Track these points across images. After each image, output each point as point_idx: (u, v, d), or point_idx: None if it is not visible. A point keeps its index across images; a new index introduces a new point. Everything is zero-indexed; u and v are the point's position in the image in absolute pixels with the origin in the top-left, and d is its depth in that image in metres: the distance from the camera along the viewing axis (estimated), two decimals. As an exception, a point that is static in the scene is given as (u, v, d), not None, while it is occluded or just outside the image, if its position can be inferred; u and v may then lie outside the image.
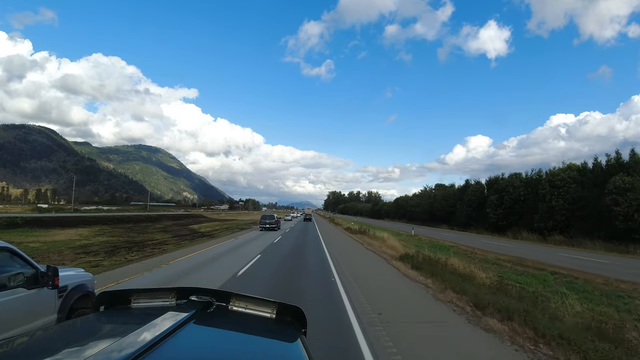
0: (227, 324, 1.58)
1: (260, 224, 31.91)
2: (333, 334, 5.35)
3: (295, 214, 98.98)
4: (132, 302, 1.71)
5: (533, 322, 5.56)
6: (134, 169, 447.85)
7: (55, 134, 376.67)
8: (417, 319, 6.39)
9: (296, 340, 1.43)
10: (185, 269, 10.84)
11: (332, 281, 9.60)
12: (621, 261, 17.53)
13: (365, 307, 6.94)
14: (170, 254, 14.27)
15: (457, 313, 6.71)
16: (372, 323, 5.90)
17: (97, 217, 41.82)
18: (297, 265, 12.36)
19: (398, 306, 7.19)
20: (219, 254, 14.58)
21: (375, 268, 12.53)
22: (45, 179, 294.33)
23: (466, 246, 23.09)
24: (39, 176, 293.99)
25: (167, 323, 1.27)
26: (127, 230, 29.93)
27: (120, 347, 1.06)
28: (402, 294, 8.46)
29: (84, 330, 1.50)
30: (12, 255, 3.74)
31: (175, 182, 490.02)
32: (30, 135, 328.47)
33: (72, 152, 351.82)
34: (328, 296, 7.88)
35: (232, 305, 1.71)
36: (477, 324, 6.02)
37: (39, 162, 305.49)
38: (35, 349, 1.27)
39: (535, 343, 5.06)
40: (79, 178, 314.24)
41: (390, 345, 4.92)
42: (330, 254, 15.43)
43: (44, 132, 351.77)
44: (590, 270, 13.79)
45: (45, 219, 31.74)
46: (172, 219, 51.20)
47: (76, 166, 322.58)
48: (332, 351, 4.72)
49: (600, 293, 10.05)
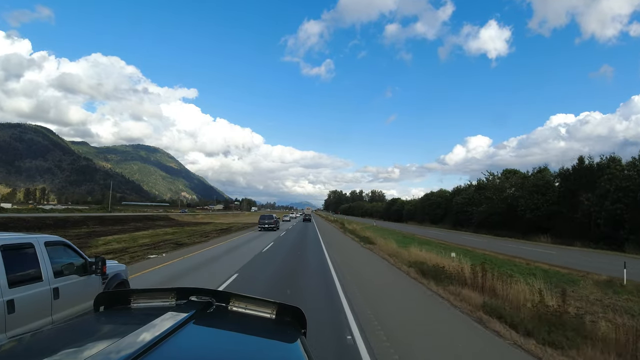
0: (227, 325, 1.58)
1: (259, 224, 32.85)
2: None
3: (294, 215, 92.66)
4: (132, 302, 1.71)
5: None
6: (132, 169, 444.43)
7: (52, 133, 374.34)
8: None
9: (296, 341, 1.43)
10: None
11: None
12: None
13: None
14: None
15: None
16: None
17: (37, 218, 35.84)
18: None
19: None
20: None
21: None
22: (40, 178, 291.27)
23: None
24: (34, 175, 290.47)
25: (167, 323, 1.29)
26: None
27: (120, 347, 1.07)
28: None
29: (84, 330, 1.50)
30: (66, 247, 4.92)
31: (173, 182, 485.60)
32: (26, 134, 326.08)
33: (68, 152, 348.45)
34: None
35: (232, 306, 1.72)
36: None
37: (34, 162, 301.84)
38: (35, 349, 1.28)
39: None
40: (75, 178, 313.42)
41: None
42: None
43: (40, 131, 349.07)
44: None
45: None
46: (128, 222, 44.22)
47: (72, 166, 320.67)
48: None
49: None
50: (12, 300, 3.75)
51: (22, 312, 3.85)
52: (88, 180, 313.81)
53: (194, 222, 51.13)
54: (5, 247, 3.88)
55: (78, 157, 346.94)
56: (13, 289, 3.80)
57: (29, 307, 3.98)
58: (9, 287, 3.76)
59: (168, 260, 13.45)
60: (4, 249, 3.85)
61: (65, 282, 4.61)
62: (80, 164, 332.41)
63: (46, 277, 4.31)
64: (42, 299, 4.20)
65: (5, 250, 3.85)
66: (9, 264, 3.82)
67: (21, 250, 4.16)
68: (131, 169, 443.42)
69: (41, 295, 4.19)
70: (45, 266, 4.34)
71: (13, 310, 3.73)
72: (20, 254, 4.13)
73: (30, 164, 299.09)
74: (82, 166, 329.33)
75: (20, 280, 3.96)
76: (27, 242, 4.28)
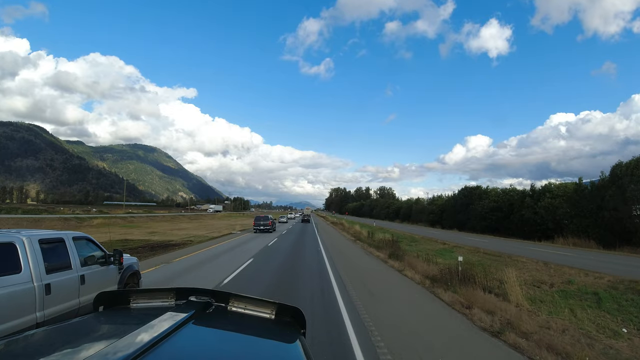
0: (226, 325, 1.60)
1: (254, 225, 32.94)
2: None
3: (293, 215, 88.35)
4: (131, 302, 1.75)
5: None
6: (127, 169, 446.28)
7: (46, 132, 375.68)
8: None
9: (295, 341, 1.45)
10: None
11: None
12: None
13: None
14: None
15: None
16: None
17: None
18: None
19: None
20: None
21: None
22: (30, 177, 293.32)
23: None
24: (24, 175, 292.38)
25: (166, 323, 1.31)
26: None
27: (119, 347, 1.09)
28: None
29: (83, 330, 1.50)
30: (89, 242, 5.99)
31: (170, 182, 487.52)
32: (17, 133, 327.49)
33: (61, 151, 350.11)
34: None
35: (231, 306, 1.75)
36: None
37: (25, 161, 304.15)
38: (34, 349, 1.29)
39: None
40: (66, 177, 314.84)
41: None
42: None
43: (33, 129, 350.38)
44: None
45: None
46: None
47: (64, 165, 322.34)
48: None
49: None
50: (49, 284, 4.79)
51: (56, 294, 4.88)
52: (80, 179, 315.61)
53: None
54: (43, 240, 4.92)
55: (71, 156, 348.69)
56: (49, 275, 4.84)
57: (61, 290, 5.02)
58: (47, 273, 4.79)
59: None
60: (42, 242, 4.88)
61: (89, 270, 5.70)
62: (73, 163, 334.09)
63: (74, 266, 5.38)
64: (71, 284, 5.26)
65: (43, 244, 4.90)
66: (45, 254, 4.86)
67: (55, 243, 5.20)
68: (127, 169, 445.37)
69: (71, 280, 5.25)
70: (74, 257, 5.41)
71: (50, 292, 4.77)
72: (54, 247, 5.16)
73: (20, 163, 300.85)
74: (74, 165, 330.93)
75: (55, 268, 4.99)
76: (59, 237, 5.34)
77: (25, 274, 4.51)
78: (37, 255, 4.72)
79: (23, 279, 4.46)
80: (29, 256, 4.60)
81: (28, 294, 4.48)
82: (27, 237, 4.72)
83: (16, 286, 4.34)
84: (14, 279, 4.34)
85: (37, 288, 4.60)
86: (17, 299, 4.33)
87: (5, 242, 4.49)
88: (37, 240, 4.80)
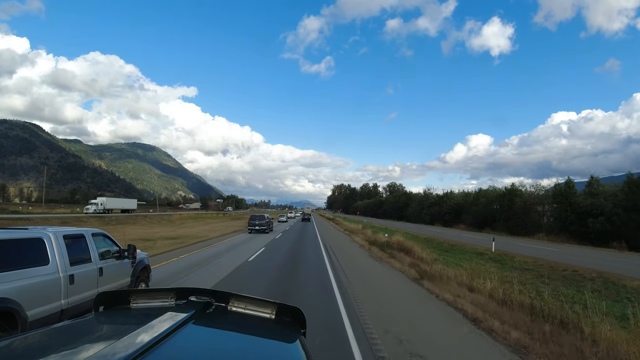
0: (227, 325, 1.63)
1: (249, 225, 32.14)
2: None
3: (293, 214, 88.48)
4: (132, 302, 1.78)
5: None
6: (126, 167, 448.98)
7: (42, 130, 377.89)
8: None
9: (295, 341, 1.48)
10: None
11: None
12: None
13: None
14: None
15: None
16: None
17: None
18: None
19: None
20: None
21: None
22: (24, 176, 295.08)
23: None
24: (17, 173, 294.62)
25: (166, 324, 1.33)
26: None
27: (119, 347, 1.11)
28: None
29: (83, 330, 1.52)
30: (105, 238, 6.75)
31: (169, 181, 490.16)
32: (12, 131, 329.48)
33: (57, 149, 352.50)
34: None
35: (232, 306, 1.78)
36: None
37: (19, 159, 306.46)
38: (34, 349, 1.31)
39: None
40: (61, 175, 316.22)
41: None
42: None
43: (29, 128, 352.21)
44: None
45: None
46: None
47: (59, 163, 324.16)
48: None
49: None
50: (73, 275, 5.53)
51: (78, 284, 5.61)
52: (75, 178, 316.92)
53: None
54: (67, 236, 5.66)
55: (66, 155, 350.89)
56: (73, 267, 5.58)
57: (83, 280, 5.76)
58: (70, 265, 5.51)
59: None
60: (66, 237, 5.61)
61: (106, 263, 6.47)
62: (68, 161, 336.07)
63: (94, 259, 6.14)
64: (91, 275, 6.01)
65: (67, 239, 5.64)
66: (69, 249, 5.60)
67: (76, 239, 5.95)
68: (125, 167, 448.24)
69: (91, 272, 6.00)
70: (93, 251, 6.18)
71: (73, 282, 5.50)
72: (76, 242, 5.91)
73: (14, 161, 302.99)
74: (70, 164, 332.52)
75: (77, 261, 5.74)
76: (80, 233, 6.10)
77: (52, 266, 5.23)
78: (62, 249, 5.45)
79: (51, 270, 5.19)
80: (55, 250, 5.32)
81: (55, 284, 5.22)
82: (53, 232, 5.45)
83: (45, 276, 5.08)
84: (43, 270, 5.08)
85: (63, 278, 5.33)
86: (46, 287, 5.06)
87: (35, 237, 5.21)
88: (61, 236, 5.53)
